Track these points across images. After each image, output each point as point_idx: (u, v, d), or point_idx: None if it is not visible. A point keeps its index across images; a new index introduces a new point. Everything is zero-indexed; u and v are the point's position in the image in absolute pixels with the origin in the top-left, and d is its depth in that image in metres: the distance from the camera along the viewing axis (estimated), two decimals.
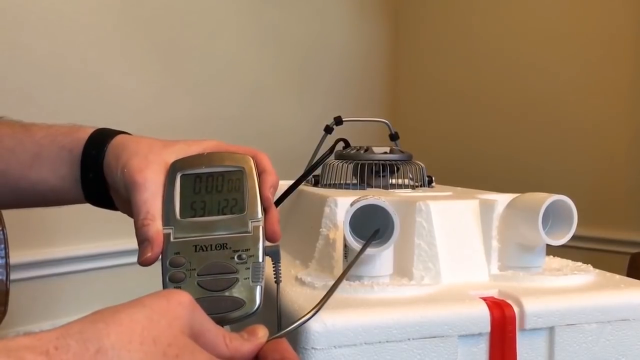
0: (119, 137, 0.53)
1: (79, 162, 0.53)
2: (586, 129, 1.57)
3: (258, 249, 0.44)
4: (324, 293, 0.51)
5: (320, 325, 0.46)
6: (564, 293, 0.54)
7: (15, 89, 1.20)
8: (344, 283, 0.53)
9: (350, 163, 0.75)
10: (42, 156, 0.54)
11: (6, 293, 1.09)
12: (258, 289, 0.43)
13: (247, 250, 0.44)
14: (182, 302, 0.34)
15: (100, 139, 0.53)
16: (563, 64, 1.62)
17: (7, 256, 1.11)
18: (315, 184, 0.78)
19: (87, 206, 0.56)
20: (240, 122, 1.58)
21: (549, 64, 1.65)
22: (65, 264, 1.28)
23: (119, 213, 0.55)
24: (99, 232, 1.32)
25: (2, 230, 1.08)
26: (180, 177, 0.48)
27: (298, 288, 0.55)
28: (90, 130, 0.54)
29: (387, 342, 0.48)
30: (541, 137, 1.66)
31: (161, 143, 0.51)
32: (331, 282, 0.53)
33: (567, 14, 1.62)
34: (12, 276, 1.14)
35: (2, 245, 1.09)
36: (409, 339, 0.48)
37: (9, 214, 1.06)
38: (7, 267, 1.12)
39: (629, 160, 1.50)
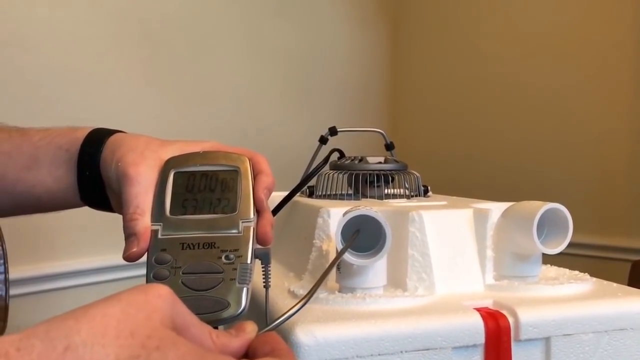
0: (117, 135, 0.53)
1: (75, 160, 0.53)
2: (586, 136, 1.57)
3: (247, 250, 0.43)
4: (317, 306, 0.51)
5: (311, 339, 0.45)
6: (560, 302, 0.53)
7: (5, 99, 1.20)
8: (336, 295, 0.53)
9: (344, 173, 0.74)
10: (40, 158, 0.54)
11: (5, 309, 1.09)
12: (244, 290, 0.41)
13: (235, 250, 0.43)
14: (161, 294, 0.32)
15: (98, 137, 0.53)
16: (562, 71, 1.62)
17: (6, 271, 1.10)
18: (310, 195, 0.78)
19: (88, 219, 0.55)
20: (235, 133, 1.58)
21: (548, 71, 1.65)
22: (66, 279, 1.27)
23: (119, 226, 0.54)
24: (100, 246, 1.32)
25: (2, 245, 1.08)
26: (174, 174, 0.47)
27: (290, 301, 0.54)
28: (88, 130, 0.54)
29: (379, 355, 0.47)
30: (541, 144, 1.66)
31: (159, 141, 0.51)
32: (324, 295, 0.53)
33: (567, 20, 1.62)
34: (12, 291, 1.14)
35: (2, 261, 1.09)
36: (401, 352, 0.47)
37: (8, 229, 1.05)
38: (7, 282, 1.11)
39: (629, 167, 1.49)
